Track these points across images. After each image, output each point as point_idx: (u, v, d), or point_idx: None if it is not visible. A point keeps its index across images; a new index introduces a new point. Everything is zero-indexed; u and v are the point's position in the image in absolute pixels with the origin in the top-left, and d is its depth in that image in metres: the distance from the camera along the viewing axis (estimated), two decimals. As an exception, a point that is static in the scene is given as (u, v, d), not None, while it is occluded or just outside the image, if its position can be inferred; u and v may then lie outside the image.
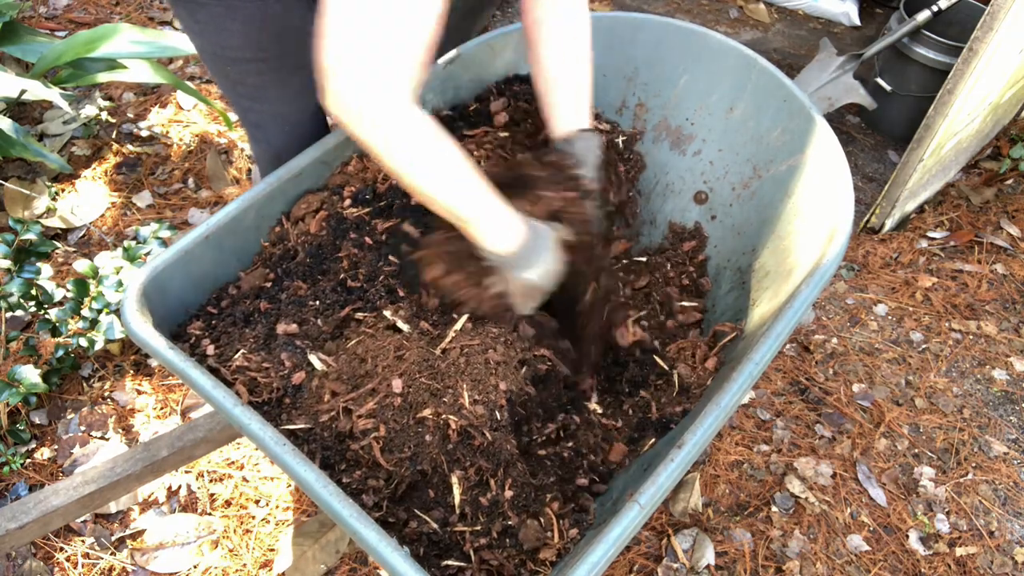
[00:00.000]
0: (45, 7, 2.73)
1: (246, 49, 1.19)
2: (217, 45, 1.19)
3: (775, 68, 1.41)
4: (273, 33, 1.17)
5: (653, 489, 0.91)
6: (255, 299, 1.22)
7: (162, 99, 2.45)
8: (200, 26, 1.17)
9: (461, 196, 1.00)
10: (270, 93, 1.28)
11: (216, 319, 1.19)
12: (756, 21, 3.07)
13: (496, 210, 1.04)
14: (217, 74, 1.27)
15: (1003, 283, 2.10)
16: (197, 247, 1.17)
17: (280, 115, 1.32)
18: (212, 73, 1.28)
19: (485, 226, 1.03)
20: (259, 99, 1.29)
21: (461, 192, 0.99)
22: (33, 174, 2.14)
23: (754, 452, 1.70)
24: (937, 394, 1.85)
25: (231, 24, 1.15)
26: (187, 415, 1.70)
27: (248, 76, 1.24)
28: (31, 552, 1.46)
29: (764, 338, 1.06)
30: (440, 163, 0.96)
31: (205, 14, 1.15)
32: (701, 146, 1.54)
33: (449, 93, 1.49)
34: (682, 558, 1.52)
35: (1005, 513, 1.64)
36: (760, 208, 1.43)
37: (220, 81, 1.28)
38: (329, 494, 0.88)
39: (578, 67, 1.25)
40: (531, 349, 1.17)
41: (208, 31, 1.17)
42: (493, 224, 1.04)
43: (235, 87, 1.28)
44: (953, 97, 1.81)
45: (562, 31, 1.23)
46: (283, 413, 1.09)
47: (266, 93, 1.28)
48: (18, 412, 1.64)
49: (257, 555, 1.49)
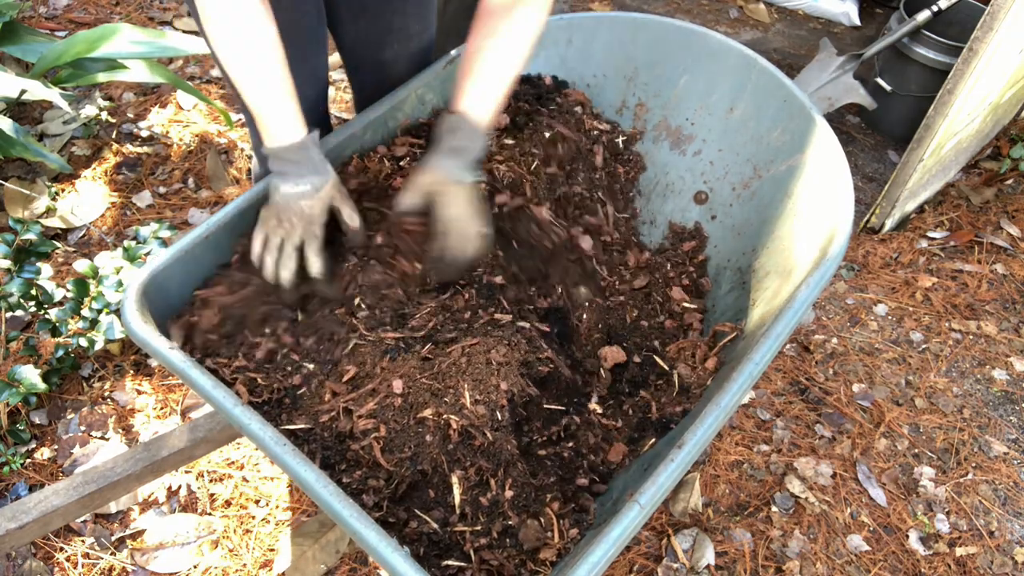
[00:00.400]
0: (45, 7, 2.73)
1: None
2: None
3: (775, 68, 1.41)
4: (281, 24, 1.17)
5: (653, 489, 0.91)
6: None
7: (162, 99, 2.45)
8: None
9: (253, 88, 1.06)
10: None
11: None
12: (756, 21, 3.07)
13: (279, 109, 1.08)
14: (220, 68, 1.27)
15: (1003, 283, 2.10)
16: (197, 247, 1.17)
17: None
18: (217, 64, 1.28)
19: (270, 122, 1.08)
20: None
21: (254, 84, 1.06)
22: (33, 174, 2.14)
23: (754, 452, 1.70)
24: (937, 394, 1.85)
25: None
26: (187, 415, 1.70)
27: None
28: (31, 552, 1.46)
29: (764, 338, 1.05)
30: (244, 51, 1.03)
31: None
32: (701, 146, 1.54)
33: (449, 93, 1.49)
34: (682, 558, 1.52)
35: (1005, 513, 1.64)
36: (760, 208, 1.43)
37: (223, 75, 1.28)
38: (329, 494, 0.88)
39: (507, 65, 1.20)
40: (534, 351, 1.17)
41: None
42: (276, 123, 1.08)
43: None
44: (953, 97, 1.81)
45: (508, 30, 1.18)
46: (283, 413, 1.09)
47: None
48: (18, 412, 1.64)
49: (257, 555, 1.49)
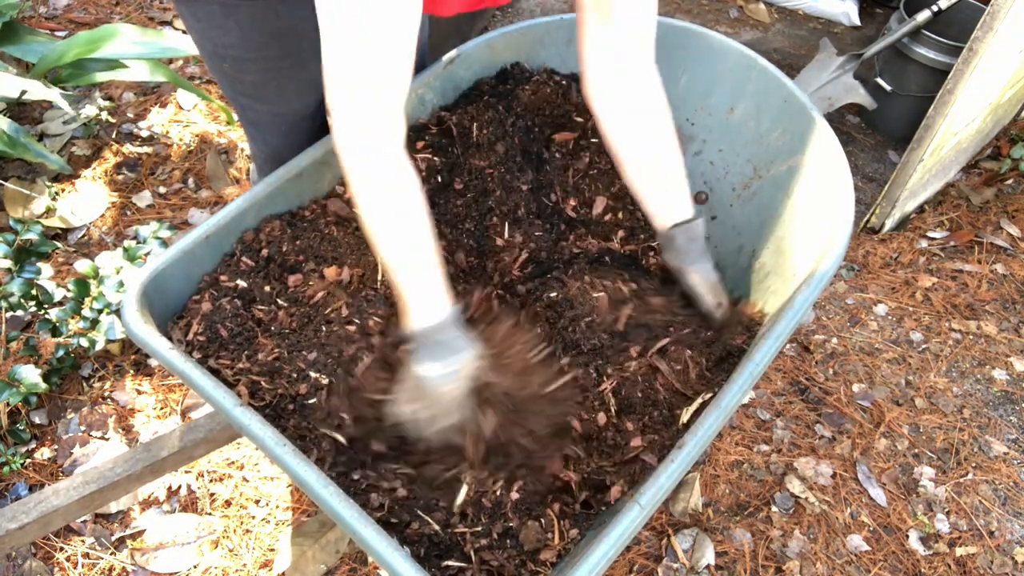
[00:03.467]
0: (45, 7, 2.73)
1: (244, 48, 1.19)
2: (215, 43, 1.19)
3: (775, 68, 1.41)
4: (272, 33, 1.16)
5: (654, 489, 0.91)
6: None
7: (162, 99, 2.45)
8: (200, 23, 1.17)
9: (402, 261, 0.99)
10: (269, 92, 1.27)
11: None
12: (756, 21, 3.07)
13: (429, 289, 1.00)
14: (215, 71, 1.26)
15: (1003, 283, 2.10)
16: (197, 247, 1.17)
17: (278, 114, 1.31)
18: (211, 70, 1.27)
19: (413, 301, 1.00)
20: (257, 98, 1.29)
21: (403, 257, 0.98)
22: (33, 174, 2.14)
23: (754, 452, 1.70)
24: (937, 394, 1.85)
25: (228, 22, 1.14)
26: (187, 415, 1.70)
27: (246, 75, 1.24)
28: (31, 552, 1.46)
29: (764, 338, 1.06)
30: (394, 221, 0.97)
31: (204, 11, 1.14)
32: (701, 147, 1.54)
33: (449, 93, 1.49)
34: (682, 558, 1.52)
35: (1005, 513, 1.64)
36: (760, 209, 1.43)
37: (219, 78, 1.28)
38: (329, 494, 0.88)
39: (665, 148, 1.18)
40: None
41: (207, 28, 1.17)
42: (419, 302, 1.00)
43: (233, 85, 1.27)
44: (953, 97, 1.81)
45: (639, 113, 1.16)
46: (286, 419, 1.09)
47: (264, 92, 1.27)
48: (18, 412, 1.64)
49: (257, 555, 1.49)
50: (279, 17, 1.15)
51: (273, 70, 1.23)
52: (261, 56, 1.20)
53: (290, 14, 1.15)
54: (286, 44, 1.18)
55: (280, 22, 1.15)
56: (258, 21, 1.15)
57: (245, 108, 1.32)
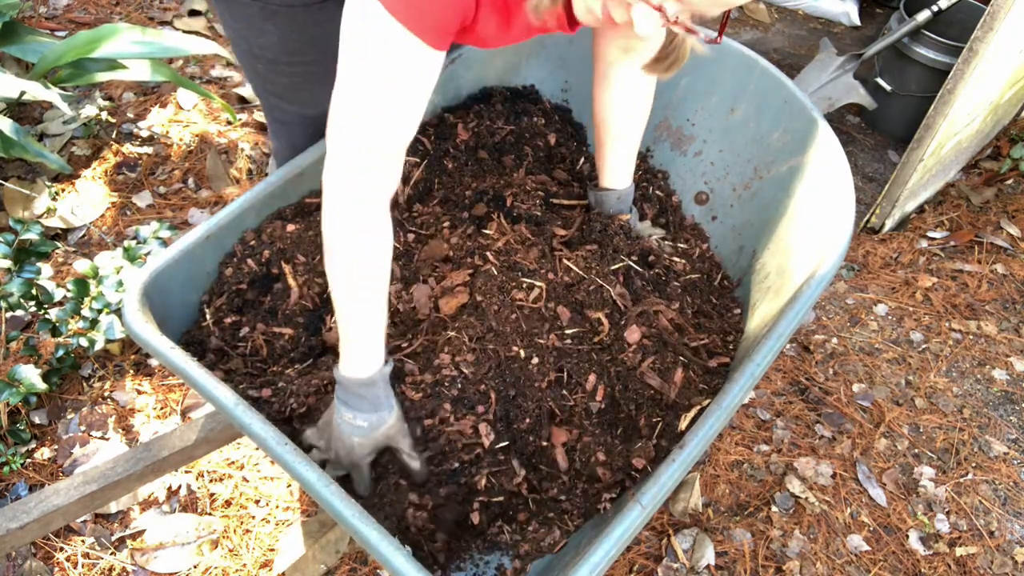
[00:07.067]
0: (45, 7, 2.73)
1: (281, 51, 1.19)
2: (251, 43, 1.20)
3: (776, 69, 1.41)
4: (309, 39, 1.17)
5: (655, 489, 0.91)
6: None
7: (162, 99, 2.45)
8: (237, 23, 1.18)
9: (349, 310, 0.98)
10: (300, 95, 1.28)
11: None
12: (756, 21, 3.07)
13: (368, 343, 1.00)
14: (248, 70, 1.27)
15: (1003, 283, 2.10)
16: (197, 247, 1.17)
17: (307, 116, 1.32)
18: (243, 68, 1.28)
19: (350, 349, 1.00)
20: (288, 99, 1.30)
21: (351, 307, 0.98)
22: (33, 174, 2.14)
23: (754, 452, 1.70)
24: (937, 394, 1.85)
25: (267, 25, 1.15)
26: (187, 415, 1.70)
27: (280, 76, 1.25)
28: (31, 552, 1.46)
29: (765, 339, 1.06)
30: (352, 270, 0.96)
31: (243, 13, 1.15)
32: (702, 147, 1.54)
33: (450, 92, 1.49)
34: (682, 558, 1.52)
35: (1005, 513, 1.64)
36: (761, 209, 1.43)
37: (250, 77, 1.29)
38: (330, 494, 0.88)
39: (639, 126, 1.32)
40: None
41: (244, 29, 1.18)
42: (356, 352, 1.00)
43: (265, 85, 1.29)
44: (953, 97, 1.81)
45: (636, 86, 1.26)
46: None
47: (296, 95, 1.28)
48: (18, 412, 1.64)
49: (257, 555, 1.49)
50: (317, 24, 1.15)
51: (307, 74, 1.23)
52: (296, 60, 1.20)
53: (328, 21, 1.16)
54: (322, 50, 1.19)
55: (318, 29, 1.15)
56: (297, 27, 1.15)
57: (274, 107, 1.33)
